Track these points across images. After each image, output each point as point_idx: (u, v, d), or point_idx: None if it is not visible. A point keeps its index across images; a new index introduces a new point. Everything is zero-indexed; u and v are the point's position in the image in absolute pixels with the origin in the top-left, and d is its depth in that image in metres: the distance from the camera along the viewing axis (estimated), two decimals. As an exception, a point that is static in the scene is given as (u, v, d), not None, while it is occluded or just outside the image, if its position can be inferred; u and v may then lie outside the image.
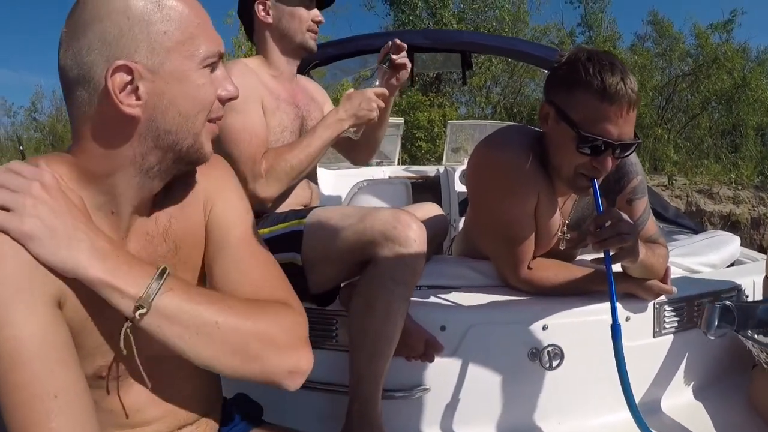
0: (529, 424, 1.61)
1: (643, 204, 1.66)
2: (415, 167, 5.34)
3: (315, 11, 1.83)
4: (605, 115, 1.36)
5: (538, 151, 1.54)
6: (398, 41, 1.76)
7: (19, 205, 0.77)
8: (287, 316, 0.93)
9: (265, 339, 0.88)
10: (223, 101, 0.93)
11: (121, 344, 0.83)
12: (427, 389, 1.57)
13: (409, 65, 1.81)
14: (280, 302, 0.95)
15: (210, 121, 0.91)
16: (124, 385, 0.94)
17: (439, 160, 8.33)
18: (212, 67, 0.89)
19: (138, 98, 0.82)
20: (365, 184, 4.23)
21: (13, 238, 0.76)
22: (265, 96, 1.73)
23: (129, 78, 0.80)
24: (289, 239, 1.54)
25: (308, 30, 1.81)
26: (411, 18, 17.44)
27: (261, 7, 1.79)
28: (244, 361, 0.87)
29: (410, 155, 14.28)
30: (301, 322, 0.96)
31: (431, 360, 1.54)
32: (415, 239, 1.39)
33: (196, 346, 0.84)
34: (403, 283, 1.40)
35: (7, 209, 0.77)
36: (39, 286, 0.77)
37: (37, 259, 0.77)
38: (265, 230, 1.59)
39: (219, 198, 1.03)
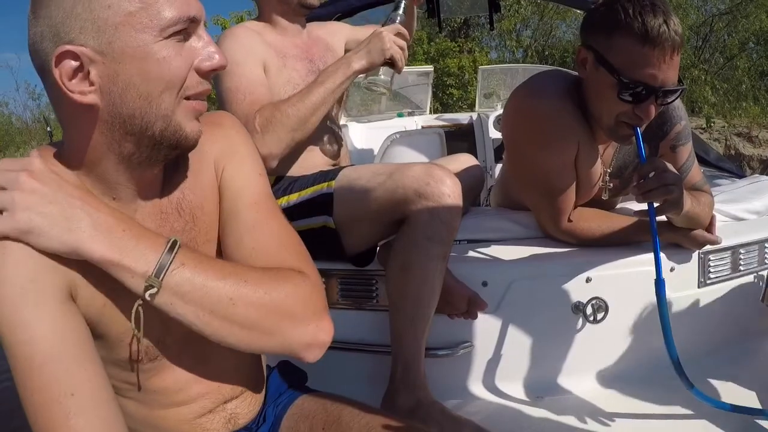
0: (573, 378, 1.58)
1: (687, 150, 1.58)
2: (447, 115, 5.23)
3: None
4: (647, 59, 1.27)
5: (576, 97, 1.48)
6: None
7: (8, 202, 0.73)
8: (304, 286, 0.88)
9: (282, 312, 0.84)
10: (204, 73, 0.81)
11: (132, 324, 0.80)
12: (471, 346, 1.56)
13: None
14: (295, 271, 0.89)
15: (188, 98, 0.81)
16: (163, 366, 0.93)
17: (471, 107, 8.16)
18: (182, 35, 0.78)
19: (91, 84, 0.75)
20: (397, 136, 4.15)
21: (13, 239, 0.73)
22: (268, 55, 1.66)
23: (77, 64, 0.73)
24: (320, 202, 1.51)
25: None
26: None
27: None
28: (260, 336, 0.84)
29: (442, 103, 14.06)
30: (319, 292, 0.90)
31: (474, 317, 1.52)
32: (449, 194, 1.35)
33: (210, 324, 0.81)
34: (439, 241, 1.36)
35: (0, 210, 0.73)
36: (46, 282, 0.74)
37: (43, 253, 0.74)
38: (294, 195, 1.57)
39: (229, 159, 0.97)
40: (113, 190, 0.83)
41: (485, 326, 1.55)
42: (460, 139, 4.56)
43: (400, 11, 1.68)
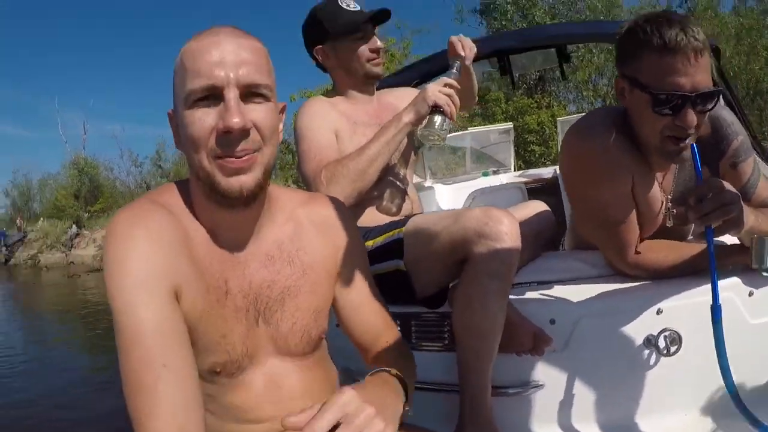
0: (647, 417, 1.54)
1: (749, 165, 1.55)
2: (531, 171, 5.22)
3: (372, 41, 1.89)
4: (671, 67, 1.30)
5: (624, 129, 1.49)
6: (454, 38, 1.84)
7: None
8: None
9: None
10: (220, 133, 0.91)
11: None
12: (540, 385, 1.55)
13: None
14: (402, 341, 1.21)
15: (220, 157, 0.93)
16: (239, 383, 1.04)
17: (554, 162, 8.10)
18: (208, 102, 0.92)
19: (178, 135, 0.98)
20: (479, 193, 4.21)
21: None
22: (339, 123, 1.83)
23: (175, 123, 0.99)
24: (392, 247, 1.62)
25: (368, 61, 1.88)
26: (503, 23, 17.28)
27: (319, 55, 1.93)
28: None
29: (524, 161, 14.04)
30: None
31: (541, 354, 1.52)
32: (507, 233, 1.40)
33: None
34: (498, 277, 1.41)
35: None
36: (159, 280, 0.90)
37: (158, 258, 0.90)
38: (370, 242, 1.66)
39: (351, 247, 1.17)
40: (216, 227, 1.01)
41: (554, 365, 1.55)
42: (542, 192, 4.52)
43: (453, 70, 1.80)
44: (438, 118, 1.68)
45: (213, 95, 0.91)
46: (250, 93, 0.93)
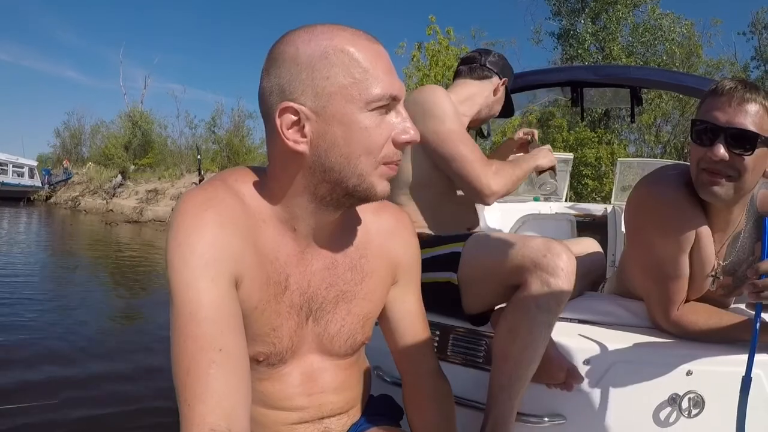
0: None
1: None
2: (581, 205, 5.19)
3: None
4: (713, 105, 1.42)
5: (694, 188, 1.52)
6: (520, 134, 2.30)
7: None
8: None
9: None
10: (399, 144, 0.95)
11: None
12: (563, 419, 1.59)
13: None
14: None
15: (385, 164, 0.95)
16: (278, 374, 1.07)
17: (605, 200, 8.02)
18: (384, 110, 0.93)
19: (303, 135, 0.91)
20: (530, 218, 4.21)
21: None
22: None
23: (296, 118, 0.90)
24: (448, 260, 1.67)
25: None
26: (579, 52, 17.10)
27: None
28: None
29: (576, 192, 13.90)
30: None
31: (570, 389, 1.56)
32: (563, 268, 1.43)
33: None
34: (547, 311, 1.44)
35: None
36: (223, 266, 0.89)
37: (225, 245, 0.91)
38: (428, 250, 1.71)
39: (410, 259, 1.21)
40: (296, 222, 1.00)
41: (579, 403, 1.59)
42: (591, 229, 4.50)
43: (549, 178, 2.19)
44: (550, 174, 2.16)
45: (389, 105, 0.93)
46: None
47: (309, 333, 1.07)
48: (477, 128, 2.32)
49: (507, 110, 2.25)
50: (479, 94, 2.11)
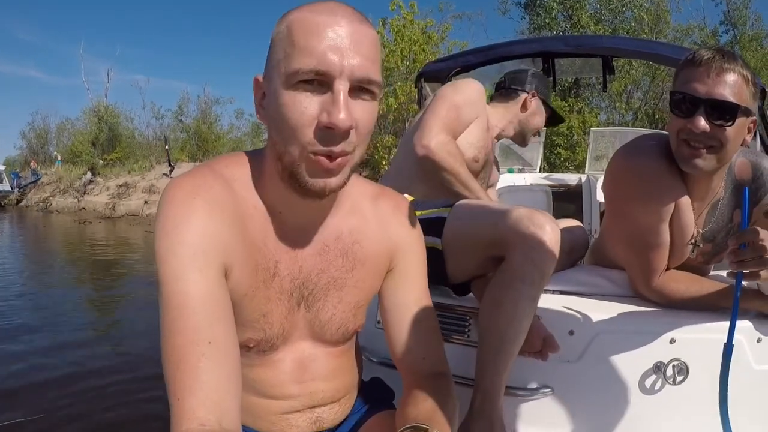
0: None
1: None
2: (556, 175, 5.22)
3: None
4: (692, 75, 1.42)
5: (672, 156, 1.52)
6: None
7: None
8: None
9: None
10: (321, 127, 0.85)
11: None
12: (550, 390, 1.61)
13: None
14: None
15: (315, 154, 0.87)
16: (270, 361, 1.06)
17: (578, 168, 8.09)
18: (314, 88, 0.85)
19: (262, 107, 0.94)
20: (505, 190, 4.22)
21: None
22: (485, 121, 2.03)
23: (261, 90, 0.93)
24: (434, 224, 1.66)
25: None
26: (547, 21, 17.08)
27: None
28: None
29: (549, 162, 13.98)
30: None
31: (545, 358, 1.56)
32: (547, 240, 1.43)
33: None
34: (531, 284, 1.44)
35: None
36: (212, 256, 0.88)
37: (214, 235, 0.89)
38: (417, 212, 1.69)
39: (408, 247, 1.16)
40: (284, 207, 0.98)
41: (566, 374, 1.60)
42: (567, 200, 4.54)
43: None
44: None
45: (320, 81, 0.84)
46: (359, 88, 0.86)
47: (300, 319, 1.06)
48: (521, 142, 2.33)
49: (553, 119, 2.33)
50: (505, 113, 2.19)
